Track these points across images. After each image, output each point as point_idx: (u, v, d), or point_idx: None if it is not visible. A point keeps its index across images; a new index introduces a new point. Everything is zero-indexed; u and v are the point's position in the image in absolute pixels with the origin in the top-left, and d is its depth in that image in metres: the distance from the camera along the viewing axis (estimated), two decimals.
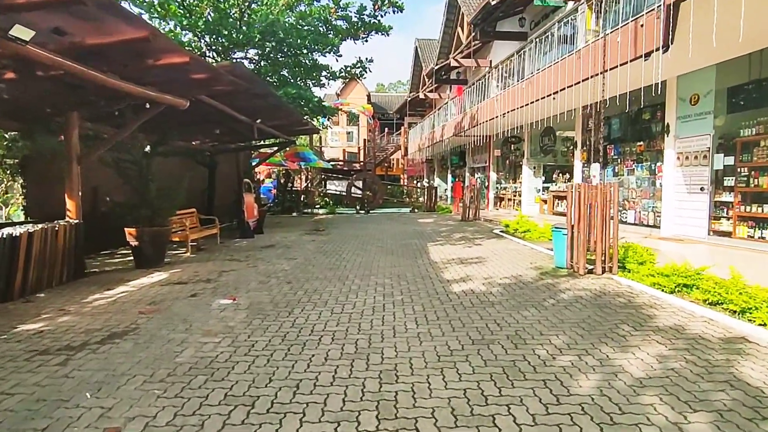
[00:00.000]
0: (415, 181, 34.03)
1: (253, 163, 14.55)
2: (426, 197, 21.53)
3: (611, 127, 12.36)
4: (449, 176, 28.50)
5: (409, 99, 29.81)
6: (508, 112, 13.99)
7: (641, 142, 11.13)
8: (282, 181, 21.09)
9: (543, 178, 16.70)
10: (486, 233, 11.96)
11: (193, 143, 13.30)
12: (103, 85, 4.82)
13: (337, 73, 16.00)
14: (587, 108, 12.40)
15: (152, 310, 4.80)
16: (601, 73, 8.30)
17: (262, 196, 26.33)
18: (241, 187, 11.80)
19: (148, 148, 10.51)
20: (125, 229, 7.33)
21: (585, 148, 13.25)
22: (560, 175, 15.57)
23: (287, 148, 15.88)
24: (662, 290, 5.31)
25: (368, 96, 36.69)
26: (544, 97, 11.73)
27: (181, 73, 5.69)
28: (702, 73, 8.92)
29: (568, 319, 4.38)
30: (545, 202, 16.20)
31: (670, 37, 6.98)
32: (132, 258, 7.62)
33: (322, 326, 4.25)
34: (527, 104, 12.68)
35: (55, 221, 6.31)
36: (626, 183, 11.47)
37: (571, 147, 14.74)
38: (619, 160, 11.91)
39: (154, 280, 6.44)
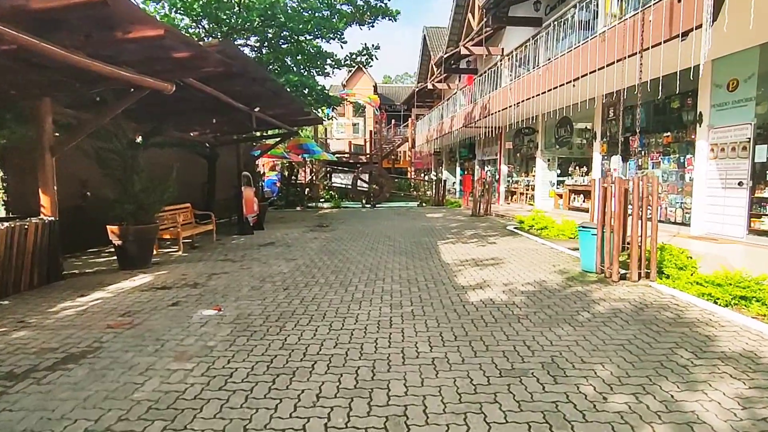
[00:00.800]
0: (422, 174, 33.26)
1: (255, 155, 13.87)
2: (434, 191, 20.78)
3: (635, 117, 11.52)
4: (458, 169, 27.69)
5: (416, 90, 28.95)
6: (522, 101, 13.17)
7: (668, 133, 10.30)
8: (285, 174, 20.42)
9: (558, 171, 15.87)
10: (499, 230, 11.23)
11: (192, 134, 12.65)
12: (65, 62, 4.13)
13: (342, 61, 15.25)
14: (611, 96, 11.56)
15: (123, 324, 4.15)
16: (639, 52, 7.50)
17: (265, 189, 25.78)
18: (240, 180, 11.14)
19: (140, 139, 9.93)
20: (107, 226, 6.70)
21: (605, 139, 12.43)
22: (577, 168, 14.74)
23: (289, 140, 15.20)
24: (715, 302, 4.57)
25: (375, 87, 35.81)
26: (562, 85, 10.91)
27: (161, 51, 4.99)
28: (743, 55, 8.07)
29: (611, 341, 3.66)
30: (560, 196, 15.39)
31: (715, 12, 6.18)
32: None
33: (317, 348, 3.57)
34: (543, 93, 11.86)
35: (28, 218, 5.69)
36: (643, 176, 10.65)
37: (590, 138, 13.91)
38: (643, 152, 11.09)
39: (135, 284, 5.80)
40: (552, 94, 11.82)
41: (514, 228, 11.54)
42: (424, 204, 20.50)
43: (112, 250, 8.05)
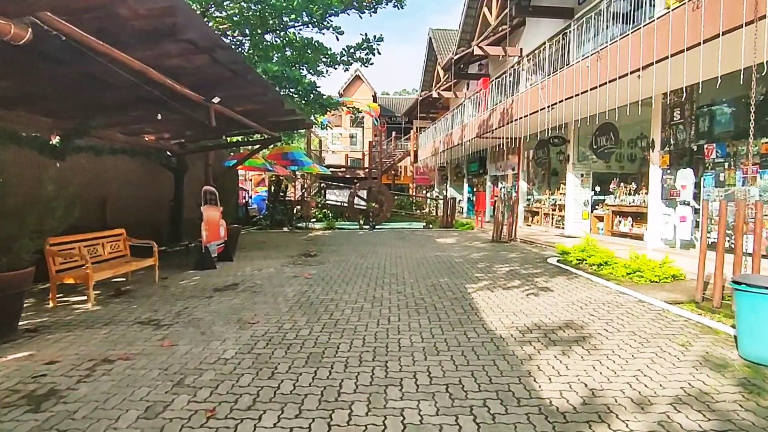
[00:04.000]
0: (425, 191, 30.69)
1: (228, 165, 11.25)
2: (442, 210, 18.16)
3: (714, 119, 8.99)
4: (465, 185, 25.13)
5: (420, 99, 26.55)
6: (560, 101, 10.65)
7: None
8: (272, 189, 17.78)
9: (598, 188, 13.26)
10: (540, 264, 8.56)
11: (147, 138, 10.04)
12: None
13: (338, 57, 12.74)
14: (677, 94, 9.08)
15: None
16: (754, 21, 4.91)
17: (251, 206, 23.09)
18: (202, 197, 8.47)
19: (57, 139, 7.30)
20: None
21: (667, 149, 9.88)
22: (622, 185, 12.17)
23: (271, 148, 12.67)
24: None
25: (374, 96, 33.45)
26: (622, 77, 8.41)
27: None
28: None
29: None
30: (600, 219, 12.79)
31: None
32: None
33: None
34: (591, 89, 9.34)
35: None
36: (742, 195, 8.06)
37: (645, 147, 11.38)
38: (726, 163, 8.53)
39: None
40: (595, 95, 9.32)
41: (558, 261, 8.88)
42: (430, 225, 17.84)
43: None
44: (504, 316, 4.98)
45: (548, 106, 11.06)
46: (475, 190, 24.21)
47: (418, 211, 21.72)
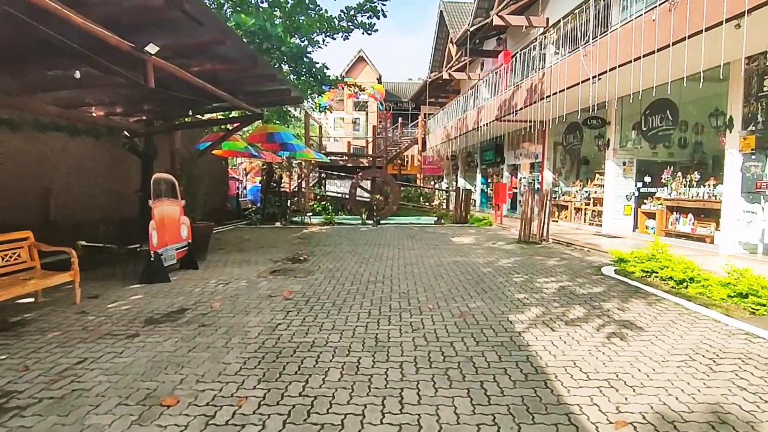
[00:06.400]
0: (432, 183, 28.58)
1: (201, 149, 9.23)
2: (456, 204, 16.10)
3: None
4: (478, 176, 23.03)
5: (429, 81, 24.33)
6: (604, 72, 8.56)
7: None
8: (264, 178, 15.78)
9: (648, 178, 11.15)
10: (595, 277, 6.52)
11: (95, 113, 8.04)
12: None
13: (336, 22, 10.64)
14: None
15: None
16: None
17: (245, 198, 21.10)
18: (150, 187, 6.47)
19: None
20: None
21: (753, 128, 7.77)
22: (677, 175, 10.07)
23: (249, 127, 10.64)
24: None
25: (379, 78, 31.22)
26: (708, 28, 6.32)
27: None
28: None
29: None
30: (649, 215, 10.70)
31: None
32: None
33: None
34: (660, 49, 7.24)
35: None
36: None
37: (718, 127, 9.27)
38: None
39: None
40: (649, 63, 7.25)
41: (615, 272, 6.84)
42: (442, 221, 15.80)
43: None
44: (596, 392, 2.96)
45: (594, 77, 8.95)
46: (489, 180, 22.12)
47: (427, 204, 19.66)
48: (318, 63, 9.66)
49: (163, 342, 3.83)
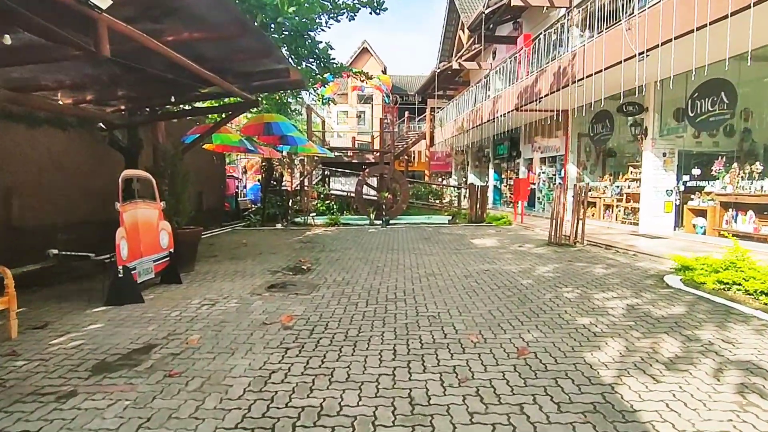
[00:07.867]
0: (441, 179, 27.35)
1: (187, 142, 8.07)
2: (471, 201, 14.89)
3: None
4: (491, 171, 21.78)
5: (437, 71, 23.06)
6: (662, 44, 7.33)
7: None
8: (263, 176, 14.62)
9: (698, 171, 9.90)
10: (662, 291, 5.31)
11: (61, 101, 6.88)
12: None
13: (340, 3, 9.44)
14: None
15: None
16: None
17: (245, 198, 19.91)
18: (120, 188, 5.32)
19: None
20: None
21: None
22: (735, 165, 8.83)
23: (243, 117, 9.40)
24: None
25: (384, 70, 29.94)
26: None
27: None
28: None
29: None
30: (697, 213, 9.46)
31: None
32: None
33: None
34: (725, 16, 6.01)
35: None
36: None
37: None
38: None
39: None
40: (723, 29, 6.02)
41: (683, 283, 5.64)
42: (456, 220, 14.60)
43: None
44: None
45: (641, 54, 7.71)
46: (502, 176, 20.90)
47: (438, 202, 18.47)
48: (321, 42, 8.47)
49: (106, 408, 2.66)
